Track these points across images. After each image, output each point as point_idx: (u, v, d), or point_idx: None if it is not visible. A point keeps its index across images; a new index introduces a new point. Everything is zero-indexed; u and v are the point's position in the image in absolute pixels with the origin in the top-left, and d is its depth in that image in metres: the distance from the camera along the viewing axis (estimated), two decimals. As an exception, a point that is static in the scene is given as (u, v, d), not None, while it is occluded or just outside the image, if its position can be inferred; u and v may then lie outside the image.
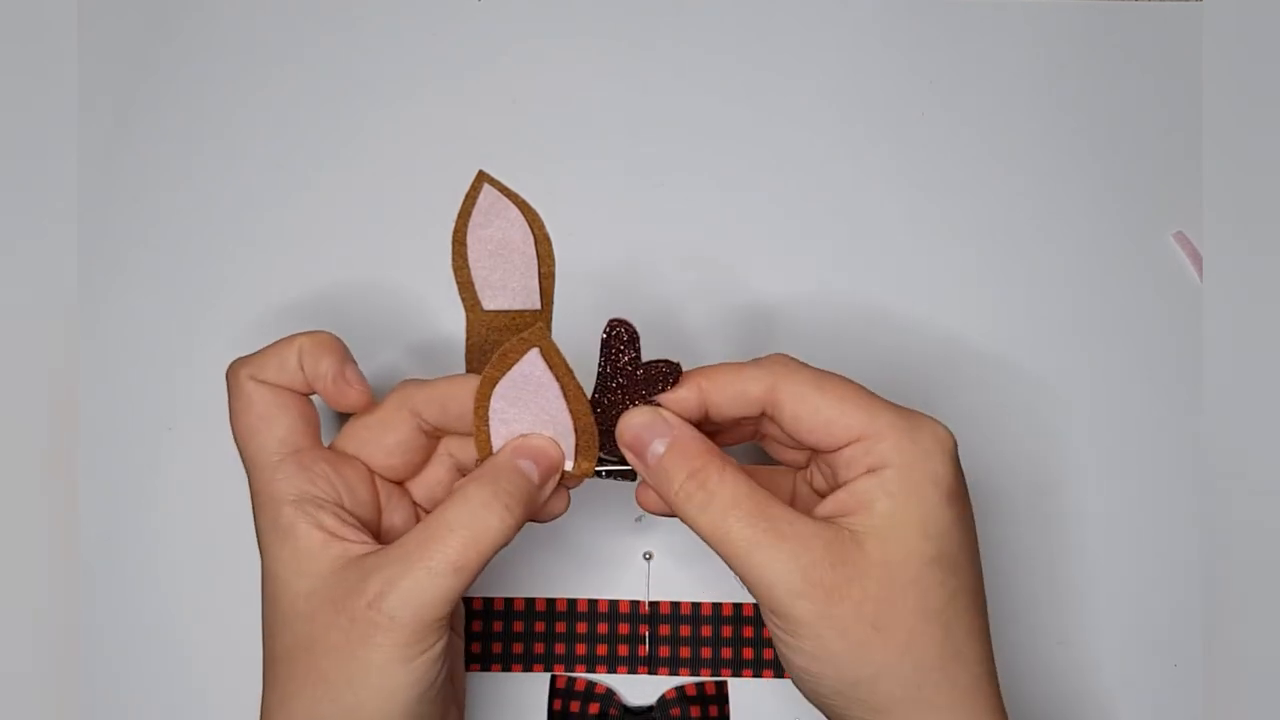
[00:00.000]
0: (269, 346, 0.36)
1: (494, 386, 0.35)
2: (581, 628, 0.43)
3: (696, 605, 0.44)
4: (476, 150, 0.47)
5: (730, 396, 0.34)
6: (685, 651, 0.43)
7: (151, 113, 0.48)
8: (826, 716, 0.35)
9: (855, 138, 0.48)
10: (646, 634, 0.43)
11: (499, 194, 0.40)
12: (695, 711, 0.42)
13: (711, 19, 0.50)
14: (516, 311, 0.44)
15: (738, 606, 0.43)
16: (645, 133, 0.48)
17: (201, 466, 0.45)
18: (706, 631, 0.43)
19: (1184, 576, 0.44)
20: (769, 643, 0.43)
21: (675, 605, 0.44)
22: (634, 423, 0.34)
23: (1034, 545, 0.44)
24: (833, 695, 0.32)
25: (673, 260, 0.47)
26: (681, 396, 0.34)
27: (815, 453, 0.36)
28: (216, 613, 0.44)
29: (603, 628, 0.43)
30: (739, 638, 0.43)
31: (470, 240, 0.41)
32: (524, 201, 0.41)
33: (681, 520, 0.34)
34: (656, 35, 0.49)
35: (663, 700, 0.43)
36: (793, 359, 0.35)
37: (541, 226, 0.41)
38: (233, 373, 0.35)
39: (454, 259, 0.40)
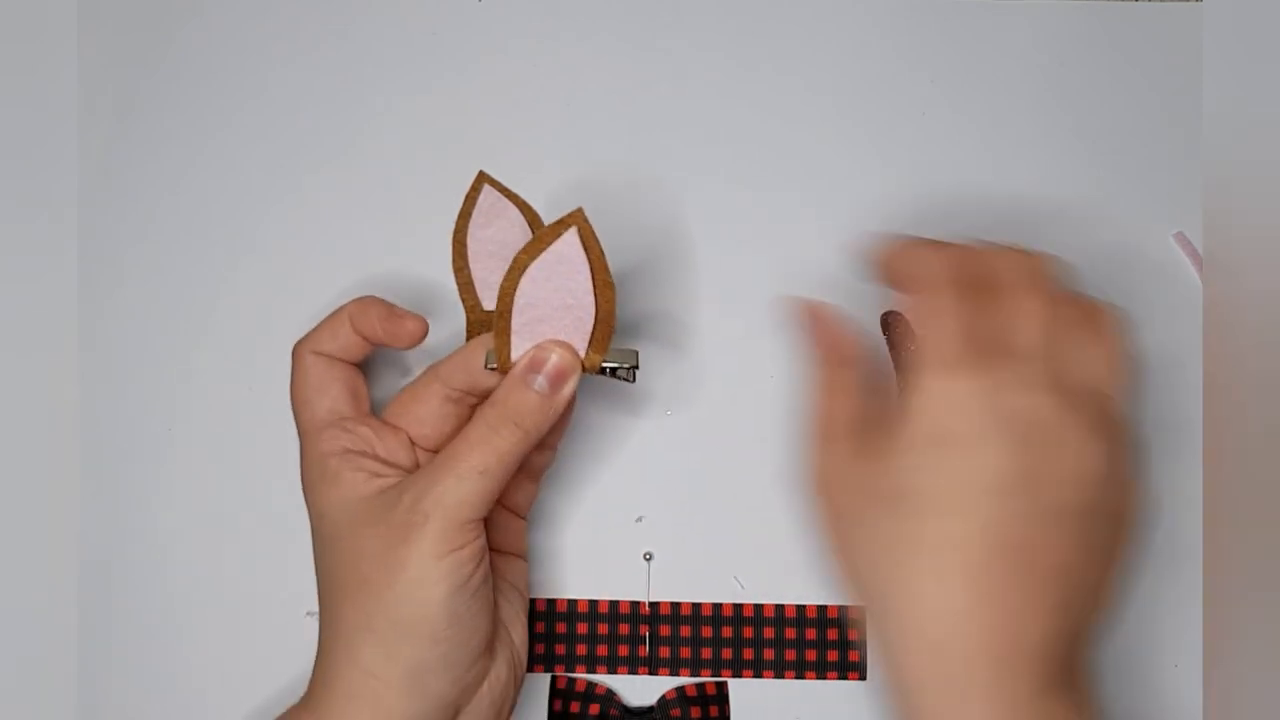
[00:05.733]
0: (322, 321, 0.40)
1: (522, 272, 0.36)
2: (581, 628, 0.43)
3: (696, 605, 0.44)
4: (476, 150, 0.47)
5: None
6: (685, 652, 0.43)
7: (151, 113, 0.48)
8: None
9: (856, 136, 0.48)
10: (646, 634, 0.43)
11: (499, 194, 0.40)
12: (695, 712, 0.42)
13: (712, 18, 0.50)
14: (516, 312, 0.44)
15: (738, 607, 0.43)
16: (645, 133, 0.48)
17: (201, 467, 0.45)
18: (706, 632, 0.43)
19: (1183, 576, 0.44)
20: (769, 643, 0.43)
21: (675, 605, 0.44)
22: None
23: (1034, 545, 0.44)
24: None
25: (674, 260, 0.47)
26: None
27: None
28: (217, 613, 0.44)
29: (603, 628, 0.43)
30: (739, 638, 0.43)
31: (470, 241, 0.41)
32: (524, 202, 0.41)
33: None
34: (656, 35, 0.49)
35: (663, 701, 0.43)
36: None
37: (541, 226, 0.41)
38: (296, 350, 0.39)
39: (454, 259, 0.40)
